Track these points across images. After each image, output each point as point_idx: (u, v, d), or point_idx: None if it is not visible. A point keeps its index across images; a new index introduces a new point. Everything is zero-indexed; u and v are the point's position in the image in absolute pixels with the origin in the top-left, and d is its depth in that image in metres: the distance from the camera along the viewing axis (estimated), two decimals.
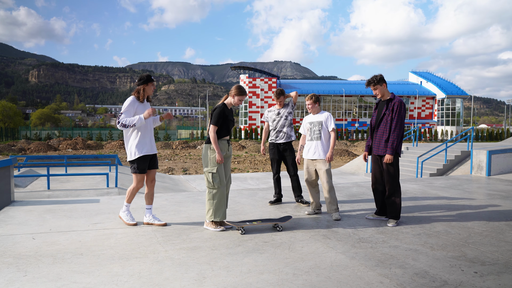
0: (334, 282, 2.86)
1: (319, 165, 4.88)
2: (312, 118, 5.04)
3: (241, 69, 72.59)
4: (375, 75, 4.71)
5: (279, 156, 5.67)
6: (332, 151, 4.83)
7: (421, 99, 66.19)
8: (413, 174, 12.07)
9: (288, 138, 5.59)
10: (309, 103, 5.01)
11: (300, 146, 5.29)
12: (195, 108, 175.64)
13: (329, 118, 4.94)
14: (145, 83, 4.31)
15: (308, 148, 4.99)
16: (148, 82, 4.32)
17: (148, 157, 4.34)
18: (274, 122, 5.66)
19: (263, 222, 4.28)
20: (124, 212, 4.47)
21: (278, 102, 5.62)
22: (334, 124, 4.92)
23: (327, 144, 4.91)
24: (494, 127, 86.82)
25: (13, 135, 50.14)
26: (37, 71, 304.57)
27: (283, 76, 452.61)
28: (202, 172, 16.54)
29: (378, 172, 4.73)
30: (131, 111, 4.22)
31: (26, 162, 11.73)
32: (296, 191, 5.71)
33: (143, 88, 4.30)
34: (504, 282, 2.88)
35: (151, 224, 4.41)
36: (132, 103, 4.23)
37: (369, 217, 4.86)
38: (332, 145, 4.85)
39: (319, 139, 4.89)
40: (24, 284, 2.78)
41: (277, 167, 5.74)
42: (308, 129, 5.03)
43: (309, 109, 5.03)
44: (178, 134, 60.70)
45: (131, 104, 4.23)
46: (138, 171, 4.27)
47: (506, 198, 6.26)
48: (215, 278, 2.91)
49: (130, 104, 4.22)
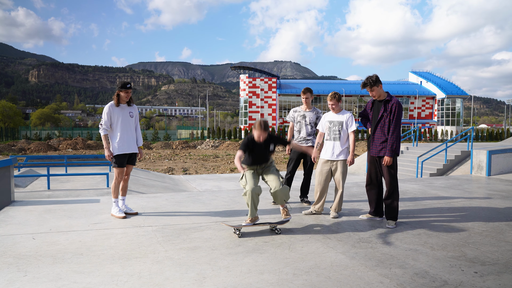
0: (334, 282, 2.86)
1: (336, 166, 4.81)
2: (332, 117, 4.90)
3: (241, 69, 72.58)
4: (369, 76, 4.55)
5: (299, 155, 5.56)
6: (353, 154, 4.75)
7: (421, 99, 66.17)
8: (413, 174, 12.07)
9: (312, 143, 5.54)
10: (333, 103, 4.85)
11: (317, 144, 5.14)
12: (195, 108, 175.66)
13: (351, 119, 4.80)
14: (120, 88, 4.77)
15: (326, 148, 4.90)
16: (122, 89, 4.76)
17: (125, 155, 4.86)
18: (298, 124, 5.56)
19: (260, 225, 4.25)
20: (114, 208, 4.85)
21: (305, 99, 5.49)
22: (355, 125, 4.81)
23: (345, 145, 4.82)
24: (494, 127, 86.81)
25: (13, 135, 50.14)
26: (37, 71, 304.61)
27: (283, 76, 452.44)
28: (202, 172, 16.54)
29: (373, 173, 4.71)
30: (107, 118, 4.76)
31: (26, 162, 11.73)
32: (303, 190, 5.70)
33: (117, 93, 4.80)
34: (504, 282, 2.88)
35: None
36: (108, 109, 4.75)
37: (363, 217, 4.84)
38: (353, 147, 4.76)
39: (338, 139, 4.80)
40: (24, 284, 2.78)
41: (294, 167, 5.62)
42: (327, 128, 4.90)
43: (333, 109, 4.91)
44: (178, 134, 60.71)
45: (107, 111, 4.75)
46: (116, 166, 4.83)
47: (506, 198, 6.26)
48: (215, 278, 2.91)
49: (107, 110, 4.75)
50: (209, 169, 17.68)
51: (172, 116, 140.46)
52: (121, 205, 4.94)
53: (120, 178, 4.87)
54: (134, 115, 4.96)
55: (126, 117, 4.83)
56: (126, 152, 4.83)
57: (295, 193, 6.18)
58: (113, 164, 4.85)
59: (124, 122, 4.80)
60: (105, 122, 4.73)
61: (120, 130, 4.78)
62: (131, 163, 4.98)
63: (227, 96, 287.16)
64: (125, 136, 4.81)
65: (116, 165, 4.83)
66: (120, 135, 4.78)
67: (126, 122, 4.82)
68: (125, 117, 4.82)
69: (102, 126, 4.75)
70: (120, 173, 4.86)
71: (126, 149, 4.82)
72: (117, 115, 4.78)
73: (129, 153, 4.87)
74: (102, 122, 4.75)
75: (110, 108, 4.76)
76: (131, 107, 4.92)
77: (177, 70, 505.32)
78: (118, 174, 4.85)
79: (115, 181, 4.86)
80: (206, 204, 5.62)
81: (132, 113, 4.91)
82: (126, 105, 4.87)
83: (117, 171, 4.85)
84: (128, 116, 4.86)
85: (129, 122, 4.87)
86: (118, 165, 4.82)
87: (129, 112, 4.87)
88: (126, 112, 4.84)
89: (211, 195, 6.38)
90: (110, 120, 4.75)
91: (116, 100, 4.78)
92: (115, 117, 4.76)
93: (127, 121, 4.84)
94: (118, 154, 4.79)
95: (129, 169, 4.98)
